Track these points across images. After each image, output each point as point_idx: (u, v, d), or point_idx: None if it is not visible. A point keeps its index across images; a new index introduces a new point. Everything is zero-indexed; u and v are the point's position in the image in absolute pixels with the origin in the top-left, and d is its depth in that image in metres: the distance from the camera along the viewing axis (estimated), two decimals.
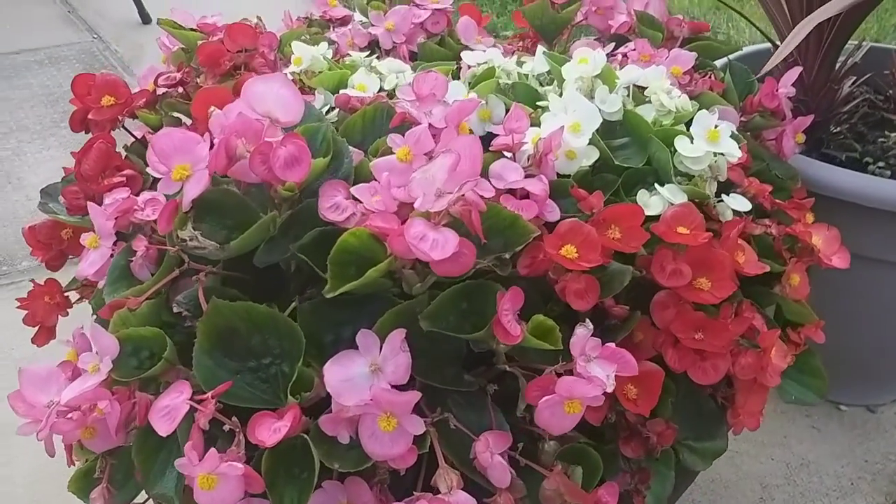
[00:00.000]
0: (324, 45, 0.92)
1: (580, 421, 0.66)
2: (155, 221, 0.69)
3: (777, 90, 1.00)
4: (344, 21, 1.11)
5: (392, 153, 0.67)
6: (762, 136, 1.03)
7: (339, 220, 0.65)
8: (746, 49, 1.24)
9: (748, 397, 0.77)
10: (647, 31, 1.06)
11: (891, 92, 1.33)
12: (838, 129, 1.26)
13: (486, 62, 0.88)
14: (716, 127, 0.78)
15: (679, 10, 2.66)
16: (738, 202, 0.80)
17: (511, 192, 0.71)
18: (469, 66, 0.90)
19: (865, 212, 1.08)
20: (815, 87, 1.22)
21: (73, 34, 2.75)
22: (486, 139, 0.78)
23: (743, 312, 0.77)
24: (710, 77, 1.00)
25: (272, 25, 1.14)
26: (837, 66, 1.25)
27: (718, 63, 1.12)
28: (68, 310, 0.86)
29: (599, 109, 0.78)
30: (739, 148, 0.83)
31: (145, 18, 2.76)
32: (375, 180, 0.66)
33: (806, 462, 1.24)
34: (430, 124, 0.72)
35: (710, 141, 0.77)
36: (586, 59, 0.81)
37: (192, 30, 1.04)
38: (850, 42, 1.28)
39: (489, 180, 0.71)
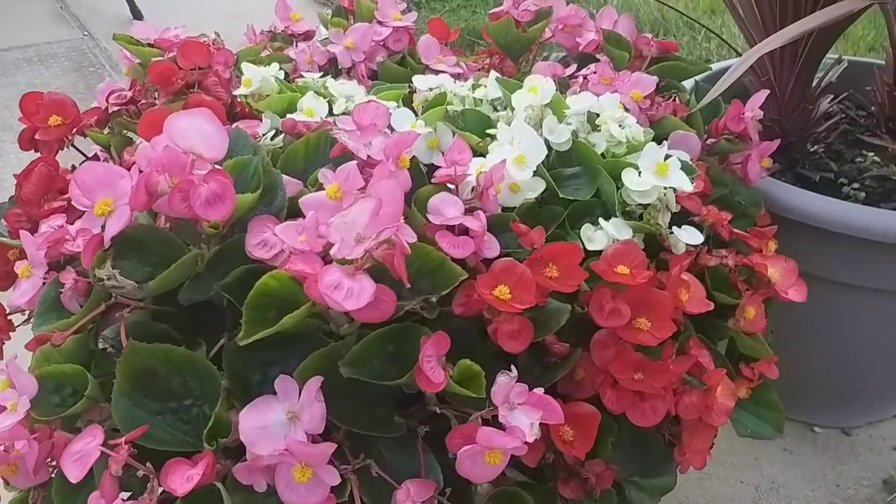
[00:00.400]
0: (275, 65, 0.90)
1: (518, 461, 0.64)
2: None
3: (743, 113, 0.97)
4: (307, 36, 1.09)
5: (323, 189, 0.65)
6: (729, 160, 1.01)
7: (266, 257, 0.64)
8: (717, 66, 1.21)
9: (694, 436, 0.76)
10: (613, 50, 1.04)
11: (873, 108, 1.30)
12: (815, 147, 1.23)
13: (437, 87, 0.86)
14: (665, 159, 0.75)
15: (674, 14, 2.63)
16: (689, 235, 0.78)
17: (450, 227, 0.69)
18: (422, 91, 0.88)
19: (837, 237, 1.05)
20: (789, 107, 1.19)
21: (63, 31, 2.74)
22: (435, 168, 0.77)
23: (689, 349, 0.75)
24: (674, 100, 0.98)
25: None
26: (814, 83, 1.22)
27: (689, 83, 1.10)
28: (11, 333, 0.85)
29: (547, 140, 0.77)
30: (695, 178, 0.82)
31: (137, 15, 2.74)
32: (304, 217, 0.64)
33: (776, 486, 1.22)
34: (369, 157, 0.71)
35: (659, 174, 0.75)
36: (535, 87, 0.79)
37: (150, 45, 1.02)
38: (829, 56, 1.26)
39: (427, 215, 0.69)
